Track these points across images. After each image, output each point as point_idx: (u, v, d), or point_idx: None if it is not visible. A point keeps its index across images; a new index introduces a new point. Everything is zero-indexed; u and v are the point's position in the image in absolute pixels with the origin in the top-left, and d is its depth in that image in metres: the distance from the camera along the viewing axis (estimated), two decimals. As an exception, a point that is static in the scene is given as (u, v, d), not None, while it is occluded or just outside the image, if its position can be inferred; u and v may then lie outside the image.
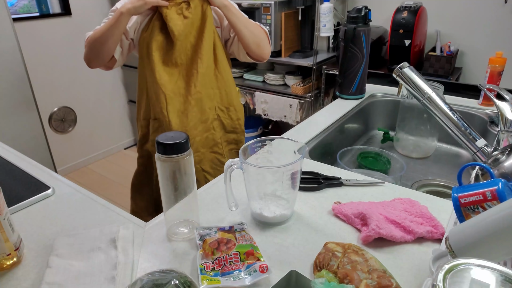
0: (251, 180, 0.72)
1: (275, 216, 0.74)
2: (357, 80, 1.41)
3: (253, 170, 0.70)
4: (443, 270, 0.40)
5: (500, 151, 0.83)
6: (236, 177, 0.85)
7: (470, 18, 2.20)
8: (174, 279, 0.54)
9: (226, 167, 0.71)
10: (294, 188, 0.73)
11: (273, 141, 0.77)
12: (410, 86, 0.98)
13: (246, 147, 0.74)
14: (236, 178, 0.86)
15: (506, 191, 0.56)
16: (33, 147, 2.19)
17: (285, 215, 0.76)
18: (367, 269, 0.57)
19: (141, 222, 0.78)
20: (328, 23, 2.30)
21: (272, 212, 0.74)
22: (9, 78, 2.04)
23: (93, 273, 0.63)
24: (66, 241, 0.70)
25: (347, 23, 1.37)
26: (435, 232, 0.70)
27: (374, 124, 1.51)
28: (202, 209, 0.82)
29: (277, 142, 0.78)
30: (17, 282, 0.64)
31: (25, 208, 0.84)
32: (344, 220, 0.76)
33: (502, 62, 1.30)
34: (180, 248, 0.70)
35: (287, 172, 0.69)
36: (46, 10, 2.68)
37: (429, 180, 1.17)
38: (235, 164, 0.71)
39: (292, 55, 2.52)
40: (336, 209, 0.76)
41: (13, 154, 1.08)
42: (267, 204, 0.74)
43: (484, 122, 1.30)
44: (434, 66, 2.04)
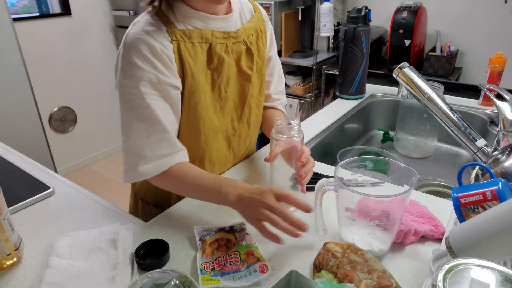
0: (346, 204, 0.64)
1: (371, 250, 0.65)
2: (357, 80, 1.41)
3: (349, 194, 0.60)
4: (443, 270, 0.40)
5: (500, 151, 0.83)
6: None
7: (470, 18, 2.20)
8: (174, 279, 0.54)
9: (318, 188, 0.65)
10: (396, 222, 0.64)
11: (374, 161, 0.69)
12: (410, 86, 0.98)
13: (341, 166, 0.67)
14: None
15: (506, 191, 0.56)
16: (33, 147, 2.19)
17: (383, 249, 0.66)
18: (367, 269, 0.57)
19: (141, 222, 0.78)
20: (328, 23, 2.30)
21: (367, 244, 0.66)
22: (9, 78, 2.04)
23: (93, 273, 0.63)
24: (66, 241, 0.70)
25: (347, 23, 1.37)
26: (436, 232, 0.71)
27: (374, 124, 1.51)
28: (203, 209, 0.82)
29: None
30: (17, 282, 0.64)
31: (25, 208, 0.84)
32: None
33: (502, 62, 1.30)
34: (180, 248, 0.70)
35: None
36: (46, 10, 2.68)
37: (429, 180, 1.17)
38: (327, 185, 0.64)
39: (292, 55, 2.52)
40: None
41: (13, 154, 1.08)
42: (362, 234, 0.66)
43: (484, 122, 1.30)
44: (434, 66, 2.04)
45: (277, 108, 0.99)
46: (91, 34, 2.87)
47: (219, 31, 0.77)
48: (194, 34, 0.74)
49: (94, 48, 2.90)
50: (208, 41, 0.75)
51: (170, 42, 0.71)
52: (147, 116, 0.71)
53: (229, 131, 0.87)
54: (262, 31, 0.89)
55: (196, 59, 0.74)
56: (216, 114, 0.82)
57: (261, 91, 0.92)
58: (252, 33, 0.84)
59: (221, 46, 0.77)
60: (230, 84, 0.82)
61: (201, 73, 0.76)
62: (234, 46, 0.80)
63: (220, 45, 0.77)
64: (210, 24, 0.76)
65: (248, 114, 0.89)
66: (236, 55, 0.81)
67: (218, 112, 0.82)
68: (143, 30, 0.70)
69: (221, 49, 0.77)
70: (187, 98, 0.76)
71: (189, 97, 0.76)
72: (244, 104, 0.87)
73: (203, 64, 0.76)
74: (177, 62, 0.72)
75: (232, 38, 0.79)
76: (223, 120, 0.84)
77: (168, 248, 0.67)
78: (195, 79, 0.75)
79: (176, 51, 0.72)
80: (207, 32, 0.75)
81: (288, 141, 0.74)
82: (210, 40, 0.75)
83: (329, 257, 0.61)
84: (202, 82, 0.76)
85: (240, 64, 0.83)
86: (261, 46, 0.88)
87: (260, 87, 0.90)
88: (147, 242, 0.68)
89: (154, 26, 0.71)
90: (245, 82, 0.85)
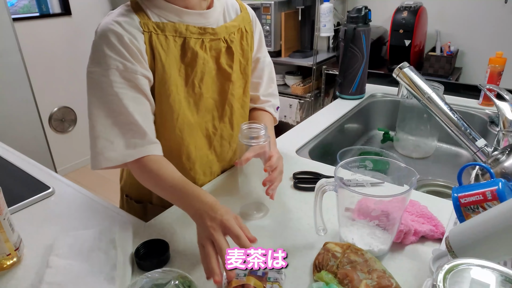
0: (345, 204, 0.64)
1: (371, 250, 0.66)
2: (357, 80, 1.41)
3: (349, 194, 0.60)
4: (443, 270, 0.40)
5: (500, 151, 0.83)
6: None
7: (470, 18, 2.20)
8: (174, 279, 0.54)
9: (318, 188, 0.64)
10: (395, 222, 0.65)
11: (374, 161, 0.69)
12: (410, 86, 0.98)
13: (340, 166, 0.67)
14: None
15: (506, 191, 0.55)
16: (33, 147, 2.19)
17: (383, 249, 0.67)
18: (367, 269, 0.57)
19: (141, 222, 0.78)
20: (328, 23, 2.30)
21: (367, 244, 0.66)
22: (9, 78, 2.04)
23: (93, 273, 0.63)
24: (66, 241, 0.70)
25: (347, 23, 1.37)
26: (436, 232, 0.71)
27: (374, 124, 1.51)
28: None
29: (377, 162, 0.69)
30: (17, 282, 0.64)
31: (25, 208, 0.84)
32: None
33: (502, 62, 1.30)
34: (180, 248, 0.70)
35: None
36: (46, 10, 2.68)
37: (429, 180, 1.17)
38: (327, 185, 0.64)
39: (292, 55, 2.52)
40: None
41: (13, 154, 1.08)
42: (361, 234, 0.66)
43: (484, 122, 1.30)
44: (434, 66, 2.04)
45: (266, 110, 0.97)
46: (91, 34, 2.85)
47: (195, 26, 0.77)
48: (168, 27, 0.74)
49: (94, 48, 2.90)
50: (182, 35, 0.76)
51: (142, 33, 0.72)
52: (114, 104, 0.70)
53: (209, 129, 0.86)
54: (247, 31, 0.88)
55: (169, 51, 0.74)
56: (190, 109, 0.81)
57: (245, 92, 0.91)
58: (234, 31, 0.84)
59: (195, 41, 0.77)
60: (207, 81, 0.81)
61: (174, 66, 0.76)
62: (212, 43, 0.80)
63: (195, 40, 0.77)
64: (184, 18, 0.76)
65: (229, 113, 0.88)
66: (215, 52, 0.81)
67: (192, 107, 0.81)
68: (114, 20, 0.71)
69: (195, 44, 0.77)
70: (158, 89, 0.76)
71: (161, 88, 0.76)
72: (225, 103, 0.86)
73: (177, 58, 0.76)
74: (148, 53, 0.73)
75: (209, 34, 0.79)
76: (198, 117, 0.83)
77: (168, 248, 0.67)
78: (166, 71, 0.75)
79: (147, 42, 0.72)
80: (181, 26, 0.75)
81: (261, 146, 0.73)
82: (184, 34, 0.76)
83: (329, 257, 0.61)
84: (174, 75, 0.76)
85: (219, 62, 0.82)
86: (245, 46, 0.87)
87: (244, 87, 0.90)
88: (147, 242, 0.68)
89: (126, 17, 0.72)
90: (225, 80, 0.84)
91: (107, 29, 0.70)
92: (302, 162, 1.02)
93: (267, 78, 0.98)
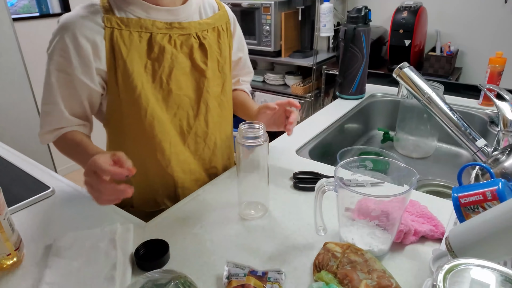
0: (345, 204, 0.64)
1: (371, 250, 0.65)
2: (357, 80, 1.41)
3: (349, 194, 0.60)
4: (443, 270, 0.40)
5: (500, 151, 0.83)
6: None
7: (470, 18, 2.20)
8: (174, 279, 0.54)
9: (318, 188, 0.64)
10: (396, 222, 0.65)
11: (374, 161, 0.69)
12: (410, 86, 0.98)
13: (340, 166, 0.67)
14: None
15: (506, 191, 0.55)
16: (33, 147, 2.18)
17: (383, 249, 0.67)
18: (367, 269, 0.57)
19: (141, 222, 0.78)
20: (328, 23, 2.30)
21: (367, 244, 0.66)
22: (9, 78, 2.04)
23: (93, 273, 0.63)
24: (66, 241, 0.70)
25: (347, 23, 1.37)
26: (436, 232, 0.71)
27: (374, 124, 1.51)
28: (203, 209, 0.82)
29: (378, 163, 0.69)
30: (17, 282, 0.64)
31: (25, 208, 0.84)
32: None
33: (502, 62, 1.30)
34: (180, 248, 0.70)
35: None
36: (46, 10, 2.68)
37: (429, 180, 1.17)
38: (327, 185, 0.64)
39: (292, 55, 2.52)
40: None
41: (13, 154, 1.08)
42: (361, 234, 0.66)
43: (484, 122, 1.30)
44: (434, 66, 2.04)
45: (243, 90, 1.08)
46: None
47: (161, 22, 0.77)
48: (132, 23, 0.74)
49: (94, 48, 2.90)
50: (148, 31, 0.76)
51: (103, 29, 0.73)
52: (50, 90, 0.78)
53: (183, 126, 0.86)
54: (224, 30, 0.88)
55: (131, 47, 0.75)
56: (159, 105, 0.81)
57: (224, 91, 0.91)
58: (208, 29, 0.84)
59: (162, 36, 0.77)
60: (178, 77, 0.81)
61: (138, 61, 0.76)
62: (183, 39, 0.80)
63: (162, 35, 0.77)
64: (151, 14, 0.76)
65: (205, 111, 0.88)
66: (187, 48, 0.81)
67: (160, 103, 0.81)
68: (76, 14, 0.73)
69: (162, 38, 0.77)
70: (122, 85, 0.77)
71: (125, 84, 0.76)
72: (200, 100, 0.86)
73: (142, 54, 0.76)
74: (107, 50, 0.74)
75: (177, 29, 0.79)
76: (168, 113, 0.83)
77: (168, 248, 0.67)
78: (128, 66, 0.75)
79: (107, 38, 0.73)
80: (147, 21, 0.76)
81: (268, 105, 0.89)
82: (150, 29, 0.76)
83: (329, 257, 0.61)
84: (138, 70, 0.76)
85: (193, 58, 0.82)
86: (223, 45, 0.88)
87: (222, 86, 0.90)
88: (147, 242, 0.68)
89: (89, 12, 0.73)
90: (199, 76, 0.85)
91: (65, 25, 0.72)
92: (302, 162, 1.02)
93: (246, 72, 1.09)
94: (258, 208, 0.80)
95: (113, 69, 0.75)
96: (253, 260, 0.67)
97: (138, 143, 0.82)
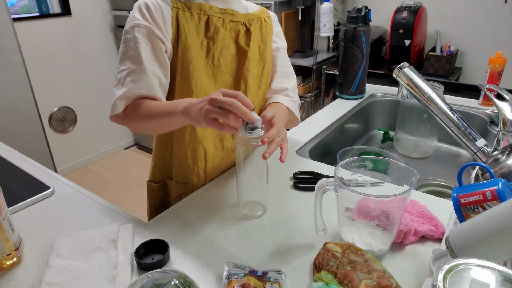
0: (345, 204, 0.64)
1: (371, 250, 0.66)
2: (357, 80, 1.41)
3: (349, 194, 0.60)
4: (443, 270, 0.40)
5: (500, 151, 0.83)
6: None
7: (470, 18, 2.20)
8: (174, 279, 0.54)
9: (318, 188, 0.65)
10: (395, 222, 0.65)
11: (374, 161, 0.69)
12: (410, 86, 0.98)
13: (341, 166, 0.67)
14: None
15: (506, 191, 0.56)
16: (33, 147, 2.19)
17: (383, 249, 0.67)
18: (367, 269, 0.57)
19: (141, 222, 0.78)
20: (328, 23, 2.30)
21: (367, 244, 0.66)
22: (9, 78, 2.04)
23: (93, 273, 0.63)
24: (66, 241, 0.70)
25: (347, 23, 1.37)
26: (436, 232, 0.71)
27: (374, 124, 1.51)
28: (203, 209, 0.82)
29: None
30: (17, 282, 0.64)
31: (25, 208, 0.84)
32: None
33: (502, 62, 1.30)
34: (180, 248, 0.70)
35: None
36: (46, 10, 2.68)
37: (429, 180, 1.17)
38: (327, 185, 0.64)
39: (292, 55, 2.52)
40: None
41: (13, 154, 1.08)
42: (361, 233, 0.66)
43: (484, 122, 1.30)
44: (434, 66, 2.04)
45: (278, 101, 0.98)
46: (91, 34, 2.87)
47: (217, 7, 0.88)
48: (194, 6, 0.85)
49: (94, 48, 2.90)
50: (206, 13, 0.86)
51: (170, 8, 0.83)
52: (134, 57, 0.81)
53: None
54: (266, 22, 0.97)
55: (192, 26, 0.85)
56: (208, 79, 0.88)
57: (263, 74, 0.96)
58: (253, 18, 0.93)
59: (217, 19, 0.88)
60: (226, 56, 0.89)
61: (196, 39, 0.85)
62: (232, 25, 0.90)
63: (217, 18, 0.88)
64: (209, 1, 0.87)
65: (244, 88, 0.92)
66: (234, 33, 0.91)
67: (210, 77, 0.88)
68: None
69: (217, 21, 0.87)
70: (180, 56, 0.84)
71: (183, 55, 0.84)
72: (240, 78, 0.92)
73: (200, 32, 0.86)
74: (173, 26, 0.84)
75: (229, 15, 0.89)
76: (215, 88, 0.88)
77: (168, 248, 0.67)
78: (188, 40, 0.84)
79: (174, 17, 0.84)
80: (206, 6, 0.86)
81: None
82: (208, 12, 0.86)
83: (329, 257, 0.61)
84: (196, 46, 0.85)
85: (238, 42, 0.91)
86: (265, 33, 0.96)
87: (262, 69, 0.96)
88: (147, 242, 0.68)
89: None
90: (242, 57, 0.92)
91: (144, 3, 0.82)
92: (302, 162, 1.02)
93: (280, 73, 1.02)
94: (258, 208, 0.80)
95: (176, 42, 0.84)
96: (253, 260, 0.67)
97: None
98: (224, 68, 0.90)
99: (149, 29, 0.81)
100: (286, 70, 1.04)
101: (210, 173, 0.95)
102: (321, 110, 1.41)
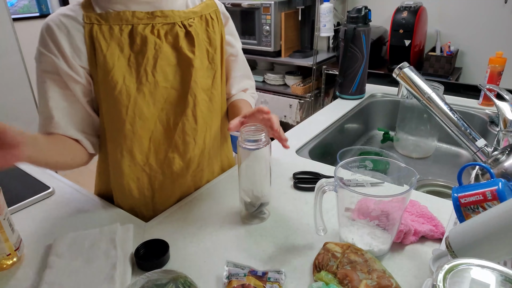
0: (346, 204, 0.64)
1: (371, 250, 0.66)
2: (357, 80, 1.41)
3: (349, 194, 0.60)
4: (443, 270, 0.40)
5: (500, 151, 0.83)
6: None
7: (470, 18, 2.20)
8: (174, 279, 0.54)
9: (318, 188, 0.64)
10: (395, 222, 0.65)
11: (374, 161, 0.69)
12: (410, 86, 0.98)
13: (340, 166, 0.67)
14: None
15: (506, 191, 0.55)
16: (33, 147, 2.18)
17: (383, 249, 0.67)
18: (367, 269, 0.57)
19: (141, 222, 0.78)
20: (328, 23, 2.30)
21: (367, 244, 0.66)
22: (9, 78, 2.04)
23: (93, 273, 0.63)
24: (66, 241, 0.70)
25: (347, 23, 1.37)
26: (436, 232, 0.71)
27: (374, 124, 1.51)
28: (204, 209, 0.82)
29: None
30: (17, 282, 0.64)
31: (25, 208, 0.84)
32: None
33: (502, 62, 1.30)
34: (180, 248, 0.70)
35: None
36: (46, 10, 2.68)
37: (429, 180, 1.17)
38: (327, 185, 0.64)
39: (292, 55, 2.52)
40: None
41: (13, 154, 1.08)
42: (361, 234, 0.66)
43: (484, 122, 1.30)
44: (434, 66, 2.04)
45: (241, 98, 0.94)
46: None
47: (142, 12, 0.75)
48: (111, 17, 0.73)
49: (94, 48, 2.89)
50: (129, 23, 0.74)
51: (82, 26, 0.72)
52: (42, 98, 0.76)
53: (170, 123, 0.81)
54: (213, 18, 0.84)
55: (112, 41, 0.73)
56: (144, 100, 0.77)
57: (214, 84, 0.85)
58: (194, 17, 0.80)
59: (144, 26, 0.75)
60: (164, 68, 0.77)
61: (121, 56, 0.74)
62: (166, 28, 0.77)
63: (143, 25, 0.75)
64: (131, 7, 0.75)
65: (193, 104, 0.81)
66: (172, 38, 0.77)
67: (148, 98, 0.77)
68: (58, 13, 0.74)
69: (144, 29, 0.75)
70: (103, 82, 0.74)
71: (105, 81, 0.74)
72: (188, 93, 0.80)
73: (125, 47, 0.74)
74: (87, 46, 0.73)
75: (159, 18, 0.76)
76: (155, 108, 0.78)
77: (168, 248, 0.67)
78: (108, 61, 0.73)
79: (87, 35, 0.72)
80: (127, 13, 0.74)
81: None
82: (130, 21, 0.74)
83: (329, 257, 0.61)
84: (120, 65, 0.74)
85: (179, 47, 0.78)
86: (212, 34, 0.83)
87: (213, 78, 0.84)
88: (147, 242, 0.68)
89: (71, 11, 0.74)
90: (187, 67, 0.79)
91: (47, 25, 0.73)
92: (302, 162, 1.02)
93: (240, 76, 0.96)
94: (262, 212, 0.79)
95: (94, 65, 0.73)
96: (253, 260, 0.67)
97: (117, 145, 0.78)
98: (163, 83, 0.78)
99: (51, 63, 0.72)
100: (245, 72, 0.98)
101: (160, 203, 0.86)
102: (321, 110, 1.41)
